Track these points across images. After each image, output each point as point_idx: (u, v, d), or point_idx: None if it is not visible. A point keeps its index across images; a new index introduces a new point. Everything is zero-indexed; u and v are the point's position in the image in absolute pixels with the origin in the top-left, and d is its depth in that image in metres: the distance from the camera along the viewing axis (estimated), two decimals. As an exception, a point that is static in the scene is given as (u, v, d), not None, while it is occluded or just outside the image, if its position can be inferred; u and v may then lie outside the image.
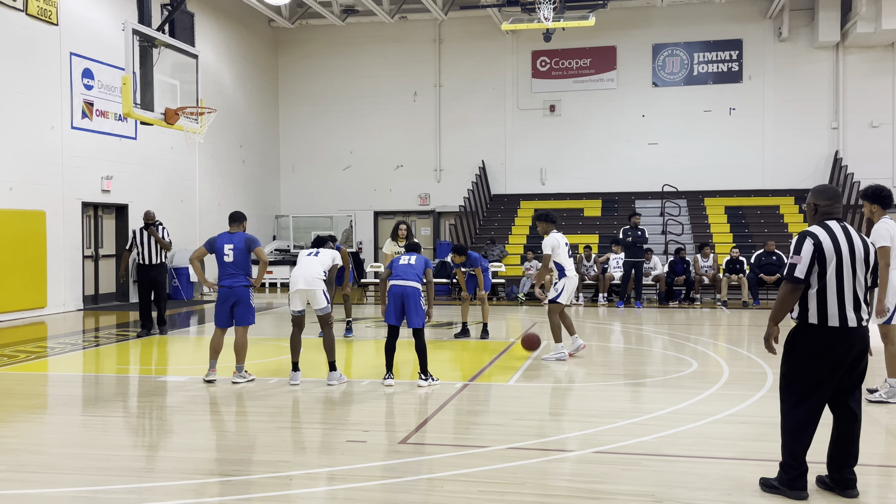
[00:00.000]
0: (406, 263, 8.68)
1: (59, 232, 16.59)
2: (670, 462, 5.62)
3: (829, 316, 4.72)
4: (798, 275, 4.69)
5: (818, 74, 23.17)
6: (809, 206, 5.00)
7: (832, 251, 4.72)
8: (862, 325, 4.79)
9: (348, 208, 25.66)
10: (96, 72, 17.61)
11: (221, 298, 8.84)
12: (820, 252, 4.71)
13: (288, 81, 26.47)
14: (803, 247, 4.73)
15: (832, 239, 4.74)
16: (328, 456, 5.90)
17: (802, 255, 4.71)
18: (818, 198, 4.94)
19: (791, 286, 4.73)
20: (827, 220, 4.87)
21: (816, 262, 4.71)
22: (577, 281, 10.34)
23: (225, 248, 8.81)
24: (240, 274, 8.80)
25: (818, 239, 4.73)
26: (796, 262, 4.71)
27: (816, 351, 4.75)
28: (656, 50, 24.18)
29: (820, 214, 4.93)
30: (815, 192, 4.99)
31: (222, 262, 8.80)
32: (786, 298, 4.74)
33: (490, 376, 9.13)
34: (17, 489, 5.11)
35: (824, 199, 4.92)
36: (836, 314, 4.71)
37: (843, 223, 4.87)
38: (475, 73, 25.14)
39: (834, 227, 4.81)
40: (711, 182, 23.63)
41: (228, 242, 8.83)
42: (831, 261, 4.72)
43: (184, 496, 4.96)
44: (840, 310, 4.72)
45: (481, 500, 4.82)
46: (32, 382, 9.16)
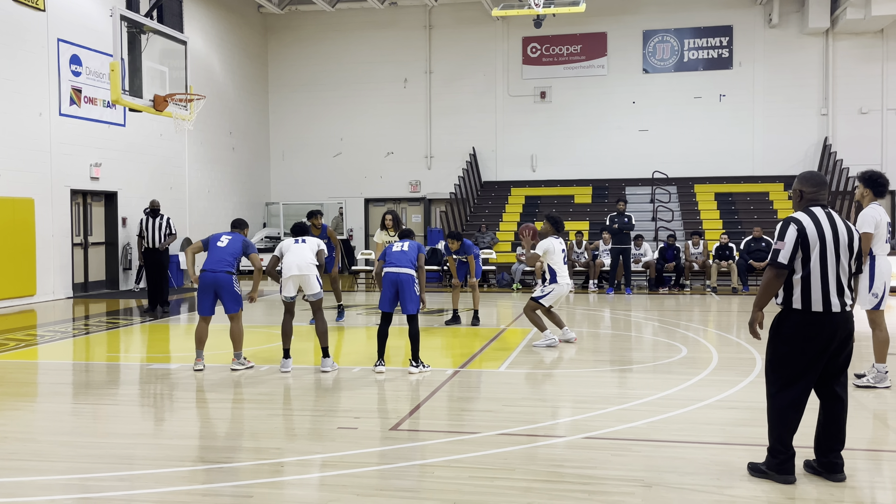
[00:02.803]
0: (399, 250, 8.68)
1: (48, 219, 16.51)
2: (660, 447, 5.66)
3: (812, 301, 4.75)
4: (782, 260, 4.72)
5: (808, 61, 23.21)
6: (795, 192, 5.01)
7: (816, 237, 4.74)
8: (846, 309, 4.82)
9: (339, 195, 25.61)
10: (84, 58, 17.48)
11: (203, 285, 8.76)
12: (804, 238, 4.73)
13: (278, 68, 26.35)
14: (787, 232, 4.75)
15: (816, 225, 4.77)
16: (320, 443, 5.92)
17: (786, 240, 4.73)
18: (804, 184, 4.96)
19: (775, 272, 4.76)
20: (812, 207, 4.89)
21: (800, 248, 4.74)
22: (567, 290, 10.31)
23: (222, 237, 8.88)
24: (225, 261, 8.73)
25: (802, 225, 4.75)
26: (780, 248, 4.73)
27: (801, 336, 4.79)
28: (647, 36, 24.16)
29: (805, 201, 4.94)
30: (801, 179, 5.00)
31: (215, 247, 8.80)
32: (770, 284, 4.77)
33: (481, 363, 9.16)
34: (7, 477, 5.11)
35: (810, 186, 4.93)
36: (819, 299, 4.75)
37: (827, 209, 4.89)
38: (465, 59, 25.08)
39: (818, 214, 4.83)
40: (701, 168, 23.67)
41: (227, 235, 8.93)
42: (815, 246, 4.74)
43: (175, 483, 4.97)
44: (824, 295, 4.75)
45: (472, 486, 4.84)
46: (22, 370, 9.14)
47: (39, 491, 4.88)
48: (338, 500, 4.58)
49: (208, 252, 8.87)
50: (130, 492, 4.85)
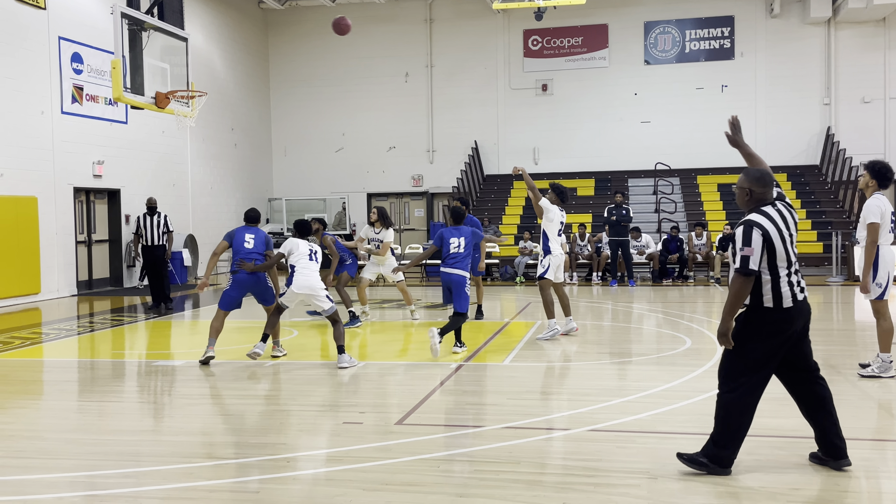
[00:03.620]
0: (456, 251, 9.17)
1: (52, 218, 16.53)
2: (665, 439, 5.66)
3: (783, 298, 4.76)
4: (752, 267, 4.68)
5: (810, 50, 23.14)
6: (743, 189, 4.95)
7: (778, 238, 4.75)
8: (805, 294, 4.89)
9: (341, 190, 25.62)
10: (85, 56, 17.49)
11: (240, 285, 9.03)
12: (769, 241, 4.73)
13: (279, 64, 26.33)
14: (753, 238, 4.70)
15: (775, 226, 4.77)
16: (325, 438, 5.93)
17: (754, 246, 4.69)
18: (754, 184, 4.91)
19: (745, 278, 4.72)
20: (763, 207, 4.86)
21: (765, 251, 4.73)
22: (562, 259, 10.31)
23: (246, 237, 9.11)
24: (257, 262, 9.04)
25: (765, 229, 4.73)
26: (749, 255, 4.68)
27: (774, 332, 4.79)
28: (648, 27, 24.10)
29: (754, 200, 4.90)
30: (750, 178, 4.93)
31: (242, 248, 9.06)
32: (741, 291, 4.72)
33: (485, 356, 9.16)
34: (14, 475, 5.13)
35: (760, 186, 4.89)
36: (789, 295, 4.77)
37: (776, 207, 4.88)
38: (467, 53, 25.04)
39: (771, 213, 4.82)
40: (704, 160, 23.62)
41: (250, 233, 9.17)
42: (779, 247, 4.76)
43: (181, 480, 4.98)
44: (791, 289, 4.78)
45: (478, 480, 4.85)
46: (28, 368, 9.16)
47: (46, 488, 4.90)
48: (344, 495, 4.59)
49: (236, 254, 9.06)
50: (137, 489, 4.87)
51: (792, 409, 6.43)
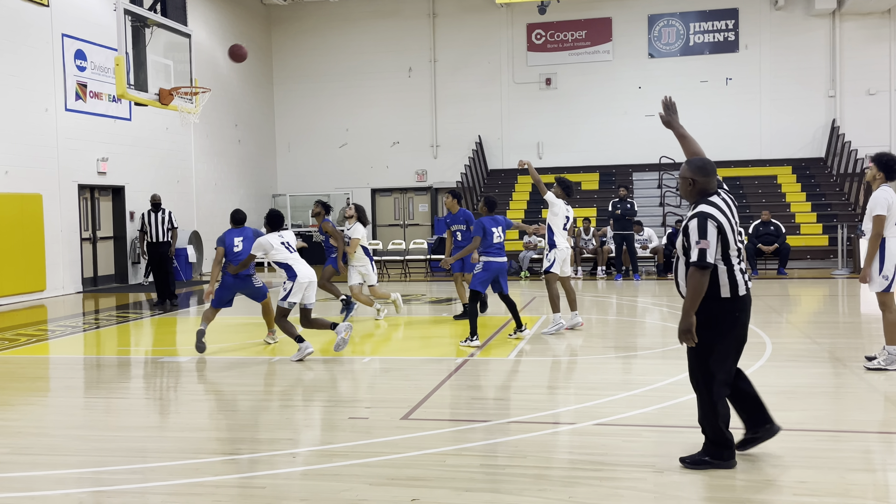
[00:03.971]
0: (499, 240, 9.60)
1: (57, 215, 16.56)
2: (671, 433, 5.66)
3: (739, 286, 4.79)
4: (710, 260, 4.65)
5: (815, 42, 23.06)
6: (686, 179, 4.93)
7: (729, 227, 4.76)
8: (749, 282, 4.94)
9: (345, 186, 25.62)
10: (89, 53, 17.50)
11: (227, 286, 9.49)
12: (723, 232, 4.72)
13: (282, 59, 26.32)
14: (708, 230, 4.67)
15: (725, 216, 4.77)
16: (331, 433, 5.94)
17: (710, 239, 4.66)
18: (696, 174, 4.89)
19: (703, 272, 4.68)
20: (710, 197, 4.84)
21: (720, 242, 4.72)
22: (568, 253, 10.32)
23: (235, 241, 9.51)
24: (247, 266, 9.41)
25: (718, 220, 4.72)
26: (705, 248, 4.65)
27: (735, 321, 4.82)
28: (652, 21, 24.03)
29: (698, 191, 4.88)
30: (692, 168, 4.92)
31: (233, 253, 9.47)
32: (700, 285, 4.68)
33: (490, 351, 9.16)
34: (22, 471, 5.15)
35: (702, 176, 4.87)
36: (742, 283, 4.80)
37: (720, 195, 4.88)
38: (470, 47, 25.00)
39: (719, 203, 4.82)
40: (708, 153, 22.47)
41: (238, 236, 9.57)
42: (731, 237, 4.76)
43: (188, 476, 4.99)
44: (742, 276, 4.82)
45: (484, 474, 4.85)
46: (34, 365, 9.19)
47: (53, 485, 4.91)
48: (350, 490, 4.60)
49: (228, 257, 9.47)
50: (144, 484, 4.88)
51: (797, 403, 6.45)
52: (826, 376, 7.61)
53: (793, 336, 9.91)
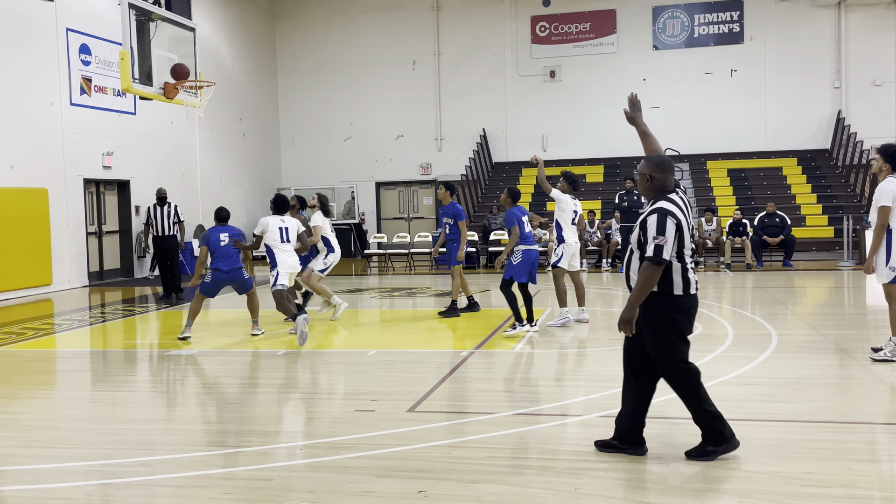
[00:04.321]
0: (529, 230, 9.72)
1: (62, 209, 16.60)
2: (676, 424, 5.66)
3: (690, 285, 4.79)
4: (666, 256, 4.64)
5: (820, 34, 22.97)
6: (644, 176, 4.91)
7: (686, 225, 4.77)
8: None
9: (350, 179, 25.63)
10: (93, 47, 17.51)
11: (218, 281, 9.82)
12: (680, 230, 4.72)
13: (286, 53, 26.31)
14: (667, 227, 4.65)
15: (682, 214, 4.78)
16: (337, 426, 5.95)
17: (668, 236, 4.64)
18: (654, 170, 4.87)
19: (656, 267, 4.66)
20: (669, 194, 4.83)
21: (677, 241, 4.72)
22: (576, 248, 10.32)
23: (221, 236, 9.80)
24: (235, 259, 9.83)
25: (677, 217, 4.71)
26: (663, 244, 4.62)
27: (687, 317, 4.81)
28: (656, 12, 23.96)
29: (655, 188, 4.87)
30: (650, 164, 4.90)
31: (218, 247, 9.78)
32: (651, 279, 4.67)
33: (495, 344, 9.17)
34: (30, 464, 5.17)
35: (660, 172, 4.86)
36: (693, 282, 4.81)
37: (678, 193, 4.87)
38: (474, 40, 24.96)
39: (677, 201, 4.81)
40: (714, 145, 23.53)
41: (223, 232, 9.85)
42: (686, 235, 4.77)
43: (195, 468, 5.01)
44: (693, 274, 4.83)
45: (490, 466, 4.86)
46: (41, 359, 9.23)
47: (61, 477, 4.93)
48: (357, 482, 4.61)
49: (214, 251, 9.79)
50: (151, 477, 4.90)
51: (804, 394, 6.44)
52: (832, 368, 7.61)
53: (798, 328, 9.90)
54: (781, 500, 4.19)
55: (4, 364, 8.74)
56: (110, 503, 4.54)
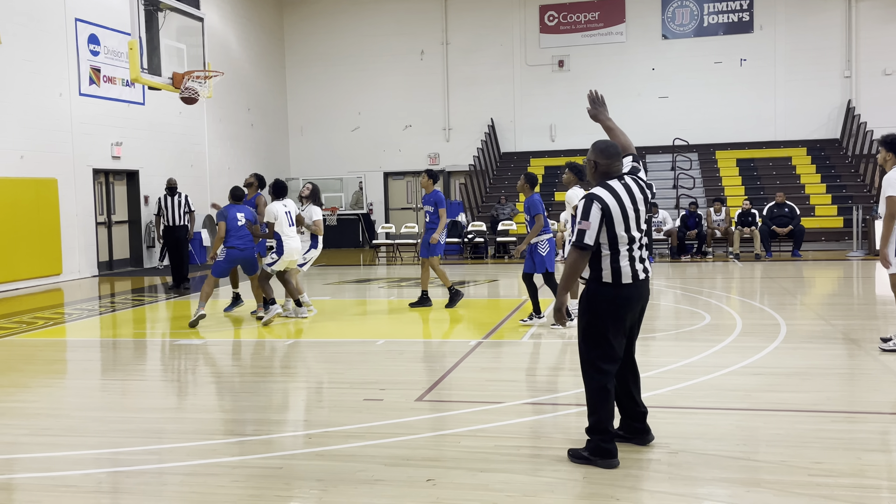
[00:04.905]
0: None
1: (72, 199, 16.66)
2: (684, 414, 5.67)
3: (623, 274, 4.67)
4: (588, 241, 4.59)
5: (830, 22, 22.82)
6: (589, 162, 4.85)
7: (619, 213, 4.63)
8: (648, 276, 4.81)
9: (358, 169, 25.62)
10: (102, 37, 17.53)
11: (232, 259, 10.13)
12: (608, 216, 4.61)
13: (294, 43, 26.29)
14: (591, 212, 4.60)
15: (617, 200, 4.64)
16: (346, 414, 5.97)
17: (591, 220, 4.59)
18: (598, 156, 4.80)
19: (581, 252, 4.62)
20: (609, 180, 4.74)
21: (605, 225, 4.62)
22: None
23: (237, 215, 10.06)
24: (249, 238, 10.13)
25: (605, 203, 4.61)
26: (585, 228, 4.58)
27: (615, 308, 4.70)
28: (665, 1, 23.84)
29: (600, 173, 4.80)
30: (595, 150, 4.84)
31: (235, 225, 10.02)
32: (577, 265, 4.63)
33: (503, 334, 9.18)
34: (41, 452, 5.21)
35: (604, 158, 4.78)
36: (629, 272, 4.68)
37: (623, 180, 4.75)
38: (482, 29, 24.88)
39: (616, 187, 4.69)
40: (723, 135, 23.43)
41: (240, 211, 10.12)
42: (619, 222, 4.63)
43: (205, 456, 5.04)
44: (632, 266, 4.69)
45: (498, 455, 4.88)
46: (51, 348, 9.28)
47: (72, 465, 4.97)
48: (365, 471, 4.63)
49: (231, 230, 10.00)
50: (161, 465, 4.93)
51: (812, 384, 6.44)
52: (841, 357, 7.59)
53: (807, 318, 9.88)
54: (790, 490, 4.19)
55: (15, 353, 8.79)
56: (120, 491, 4.57)
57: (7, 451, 5.27)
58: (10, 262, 14.87)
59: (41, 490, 4.55)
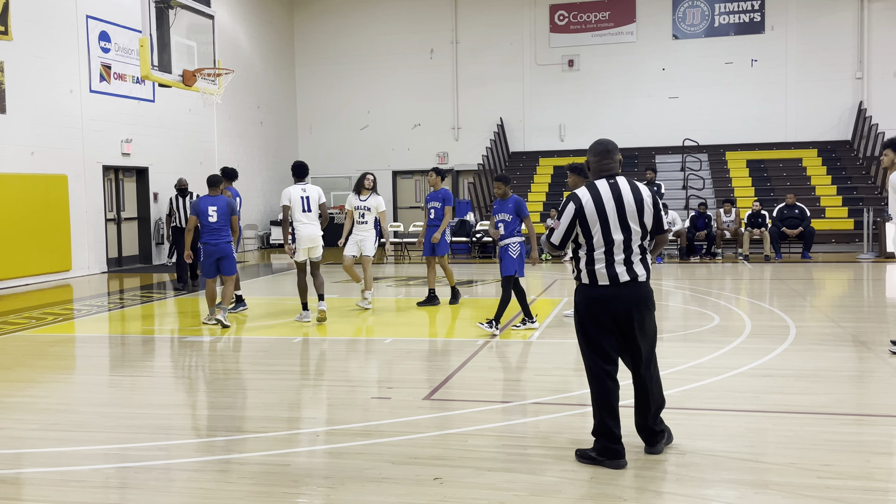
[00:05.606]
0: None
1: (82, 195, 16.71)
2: (693, 415, 5.65)
3: (598, 275, 4.64)
4: (554, 241, 4.70)
5: (842, 23, 22.71)
6: (586, 163, 4.87)
7: (594, 214, 4.59)
8: (638, 280, 4.67)
9: (366, 168, 25.45)
10: (113, 34, 17.58)
11: (207, 254, 9.68)
12: (581, 216, 4.60)
13: (304, 41, 26.32)
14: (565, 211, 4.65)
15: (596, 199, 4.60)
16: (354, 412, 5.98)
17: (562, 220, 4.64)
18: (590, 154, 4.81)
19: (552, 247, 4.77)
20: (597, 179, 4.72)
21: (579, 225, 4.62)
22: None
23: (209, 210, 9.57)
24: (223, 231, 9.64)
25: (580, 203, 4.61)
26: (555, 227, 4.68)
27: (592, 309, 4.67)
28: (676, 1, 23.77)
29: (594, 172, 4.78)
30: (589, 149, 4.84)
31: (207, 222, 9.61)
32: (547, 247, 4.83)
33: (511, 334, 9.17)
34: (50, 447, 5.23)
35: (594, 156, 4.77)
36: (605, 273, 4.63)
37: (613, 180, 4.70)
38: (492, 28, 24.86)
39: (601, 187, 4.66)
40: (733, 135, 23.35)
41: (212, 205, 9.59)
42: (595, 224, 4.60)
43: (212, 452, 5.05)
44: (608, 267, 4.62)
45: (505, 454, 4.87)
46: (60, 344, 9.31)
47: (81, 460, 4.99)
48: (373, 469, 4.63)
49: (203, 226, 9.64)
50: (168, 461, 4.94)
51: (822, 386, 6.41)
52: (850, 360, 7.56)
53: (817, 320, 9.83)
54: (798, 492, 4.17)
55: (25, 348, 8.83)
56: (128, 486, 4.59)
57: (16, 446, 5.29)
58: (19, 258, 14.93)
59: (49, 484, 4.56)
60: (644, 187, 4.80)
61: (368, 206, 10.98)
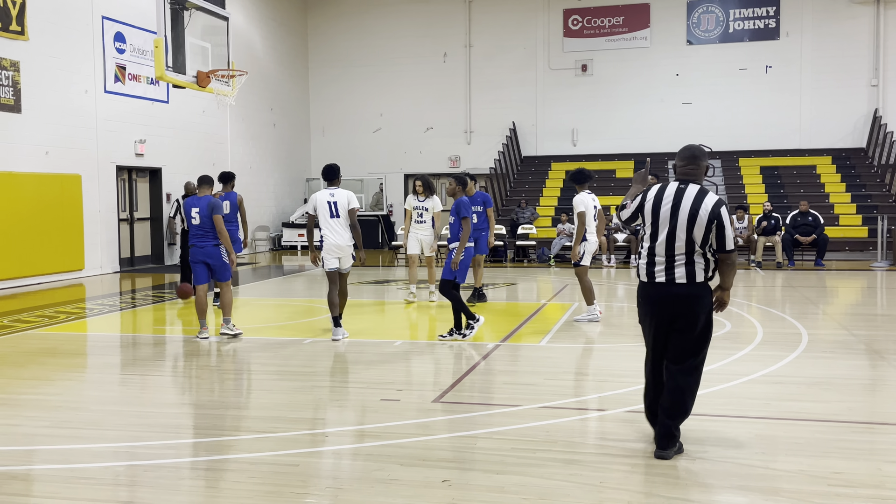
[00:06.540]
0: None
1: (95, 195, 16.80)
2: (703, 421, 5.62)
3: (640, 271, 4.97)
4: (622, 216, 5.07)
5: (857, 30, 22.60)
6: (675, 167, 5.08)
7: (650, 211, 4.87)
8: (675, 283, 4.79)
9: (378, 171, 25.67)
10: (128, 35, 17.68)
11: (193, 258, 9.21)
12: (641, 207, 4.93)
13: (317, 43, 26.39)
14: (638, 198, 4.98)
15: (657, 199, 4.86)
16: (363, 414, 5.98)
17: (633, 202, 4.99)
18: (677, 159, 4.97)
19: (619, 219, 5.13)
20: (677, 181, 4.91)
21: (640, 215, 4.95)
22: (595, 245, 10.04)
23: (192, 212, 9.15)
24: (207, 235, 9.09)
25: (646, 196, 4.92)
26: (626, 204, 5.03)
27: (638, 302, 5.07)
28: (691, 7, 23.72)
29: (678, 175, 4.95)
30: (677, 152, 5.00)
31: (191, 224, 9.20)
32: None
33: (521, 337, 9.16)
34: (61, 444, 5.25)
35: (679, 160, 4.94)
36: (644, 270, 4.92)
37: (684, 185, 4.84)
38: (506, 32, 24.86)
39: (669, 189, 4.87)
40: (747, 142, 23.26)
41: (195, 206, 9.13)
42: (648, 218, 4.89)
43: (222, 452, 5.06)
44: (648, 266, 4.89)
45: (515, 458, 4.86)
46: (72, 342, 9.35)
47: (91, 458, 5.01)
48: (381, 470, 4.63)
49: (189, 227, 9.24)
50: (177, 459, 4.96)
51: (833, 394, 6.37)
52: (862, 368, 7.51)
53: (829, 327, 9.78)
54: (808, 499, 4.15)
55: (37, 346, 8.88)
56: (138, 484, 4.60)
57: (28, 443, 5.32)
58: (33, 257, 15.02)
59: (60, 481, 4.59)
60: (714, 203, 4.75)
61: (426, 207, 11.77)
